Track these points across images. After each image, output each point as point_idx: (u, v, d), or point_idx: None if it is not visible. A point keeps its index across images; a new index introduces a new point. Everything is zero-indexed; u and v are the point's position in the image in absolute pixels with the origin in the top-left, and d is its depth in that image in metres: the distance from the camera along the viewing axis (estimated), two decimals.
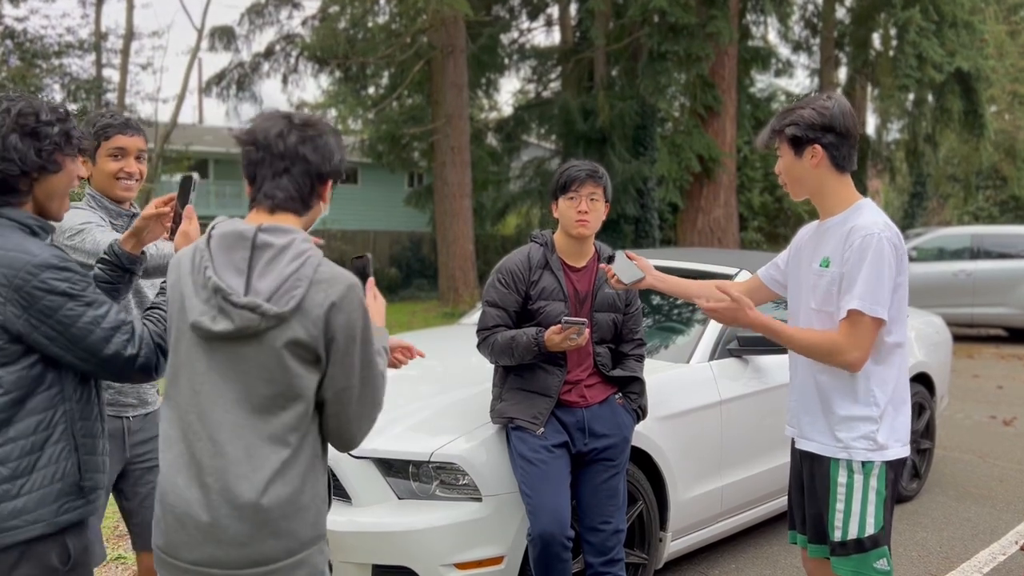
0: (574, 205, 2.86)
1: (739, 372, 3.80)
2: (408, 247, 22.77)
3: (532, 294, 2.92)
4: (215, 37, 17.61)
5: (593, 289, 2.97)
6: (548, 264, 2.94)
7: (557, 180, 2.94)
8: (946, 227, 13.14)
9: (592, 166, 2.90)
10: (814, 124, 2.27)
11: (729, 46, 14.68)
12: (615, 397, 3.01)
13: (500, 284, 2.95)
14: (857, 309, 2.20)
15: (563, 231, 2.97)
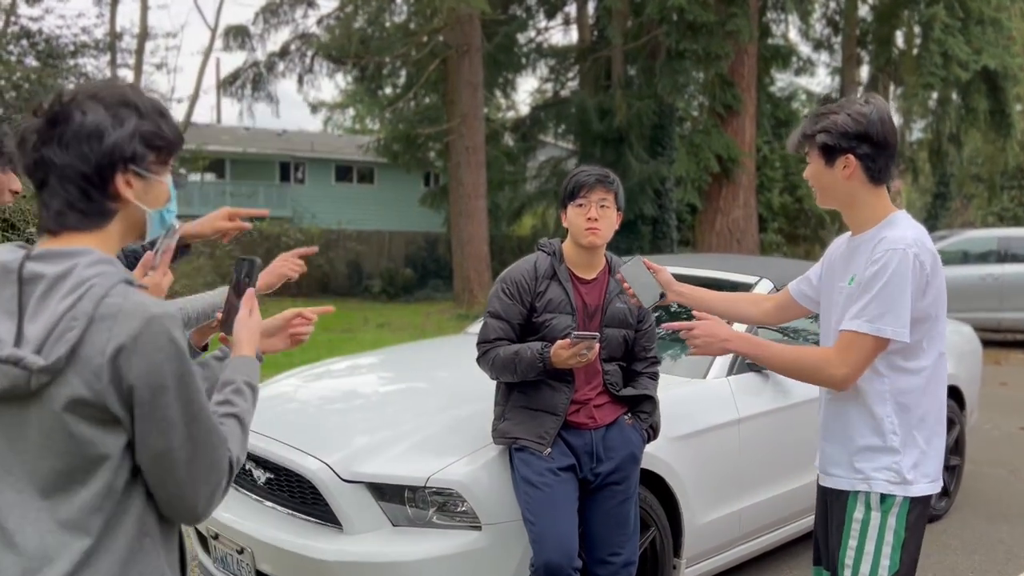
0: (583, 212, 2.67)
1: (759, 387, 3.59)
2: (423, 247, 22.64)
3: (538, 306, 2.73)
4: (230, 37, 17.57)
5: (603, 303, 2.78)
6: (556, 275, 2.76)
7: (566, 186, 2.75)
8: (971, 229, 12.81)
9: (602, 171, 2.72)
10: (848, 132, 2.05)
11: (749, 44, 14.41)
12: (625, 417, 2.82)
13: (504, 294, 2.76)
14: (853, 329, 2.01)
15: (572, 241, 2.79)
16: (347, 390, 3.86)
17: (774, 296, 2.57)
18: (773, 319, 2.58)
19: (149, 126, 1.34)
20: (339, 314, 16.31)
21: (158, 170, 1.37)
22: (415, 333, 12.76)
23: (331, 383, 4.05)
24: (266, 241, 20.08)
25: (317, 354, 10.83)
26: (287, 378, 4.11)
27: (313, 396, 3.78)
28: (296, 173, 27.46)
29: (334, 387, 3.97)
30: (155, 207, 1.38)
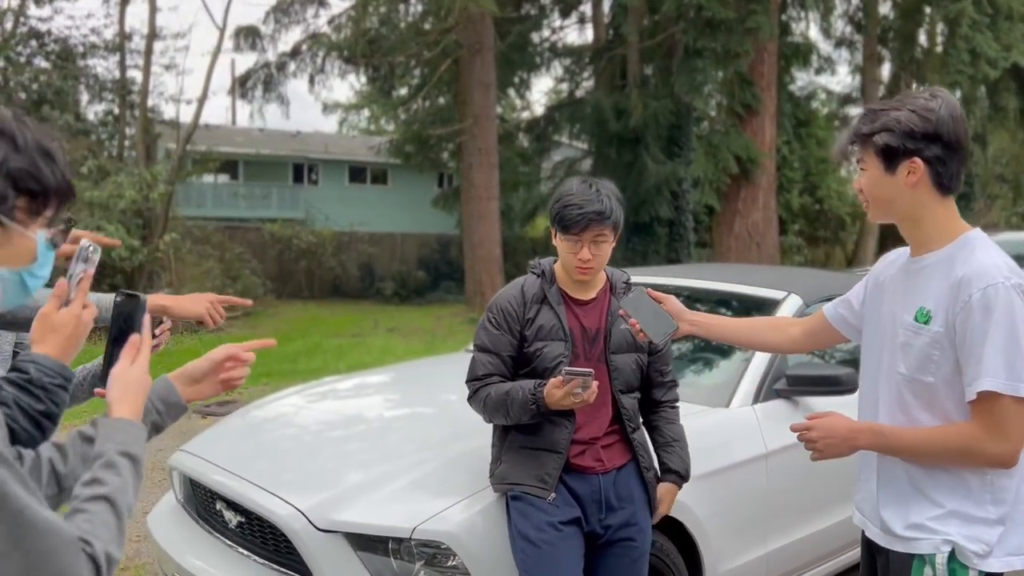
0: (573, 250, 2.33)
1: (788, 416, 3.23)
2: (436, 250, 22.38)
3: (527, 334, 2.40)
4: (240, 37, 17.33)
5: (606, 326, 2.44)
6: (546, 297, 2.42)
7: (554, 211, 2.39)
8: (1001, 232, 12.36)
9: (599, 207, 2.30)
10: (914, 131, 1.71)
11: (769, 42, 14.01)
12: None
13: (491, 324, 2.44)
14: (991, 390, 1.64)
15: (562, 266, 2.47)
16: (350, 414, 3.58)
17: (803, 321, 2.23)
18: (802, 346, 2.26)
19: (22, 163, 1.09)
20: (349, 317, 16.14)
21: (25, 220, 1.11)
22: (425, 338, 12.48)
23: (334, 405, 3.79)
24: (278, 243, 19.89)
25: (324, 361, 10.59)
26: (290, 396, 3.87)
27: (312, 420, 3.52)
28: (310, 175, 27.29)
29: (337, 409, 3.69)
30: (11, 265, 1.11)
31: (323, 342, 12.16)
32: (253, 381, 8.89)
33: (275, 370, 9.63)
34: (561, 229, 2.33)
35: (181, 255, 14.26)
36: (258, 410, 3.71)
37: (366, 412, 3.61)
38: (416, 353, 10.89)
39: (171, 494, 3.25)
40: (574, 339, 2.40)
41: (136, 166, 14.44)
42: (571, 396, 2.18)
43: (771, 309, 3.49)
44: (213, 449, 3.13)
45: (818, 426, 1.88)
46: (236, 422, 3.58)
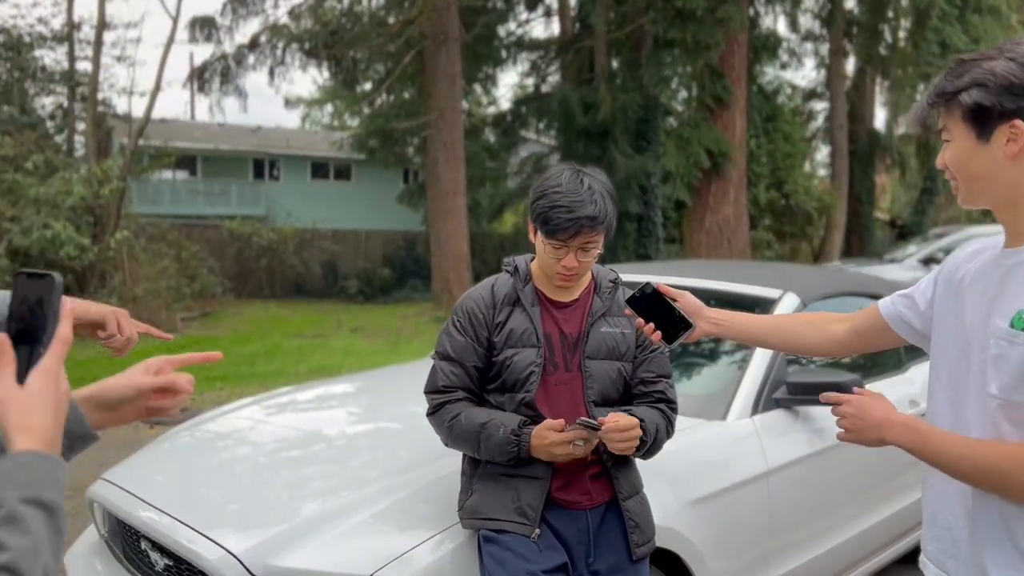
0: (557, 256, 1.98)
1: (788, 428, 2.94)
2: (402, 247, 21.95)
3: (496, 341, 2.07)
4: (196, 28, 16.75)
5: (584, 328, 2.09)
6: (519, 299, 2.09)
7: (537, 210, 2.00)
8: (975, 227, 12.32)
9: (591, 210, 1.94)
10: (1015, 85, 1.32)
11: (740, 33, 13.80)
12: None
13: (455, 329, 2.11)
14: None
15: (541, 271, 2.12)
16: (309, 430, 3.20)
17: (847, 317, 1.79)
18: (847, 347, 1.81)
19: None
20: (312, 317, 15.65)
21: None
22: (390, 338, 12.09)
23: (293, 419, 3.42)
24: (236, 241, 19.32)
25: (284, 363, 10.16)
26: (248, 407, 3.50)
27: (269, 437, 3.14)
28: (271, 171, 26.67)
29: (296, 424, 3.32)
30: None
31: (283, 343, 11.71)
32: (208, 385, 8.45)
33: (232, 373, 9.19)
34: (545, 233, 1.98)
35: (135, 254, 13.69)
36: (211, 423, 3.34)
37: (327, 428, 3.24)
38: (380, 354, 10.49)
39: (93, 528, 2.85)
40: (551, 345, 2.06)
41: (86, 161, 13.84)
42: (567, 445, 1.87)
43: (767, 309, 3.19)
44: (141, 476, 2.75)
45: (853, 402, 1.53)
46: (182, 438, 3.21)
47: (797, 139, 21.32)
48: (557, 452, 1.89)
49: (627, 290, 2.21)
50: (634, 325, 2.11)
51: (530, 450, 1.94)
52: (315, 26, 17.63)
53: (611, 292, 2.14)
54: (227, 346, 11.51)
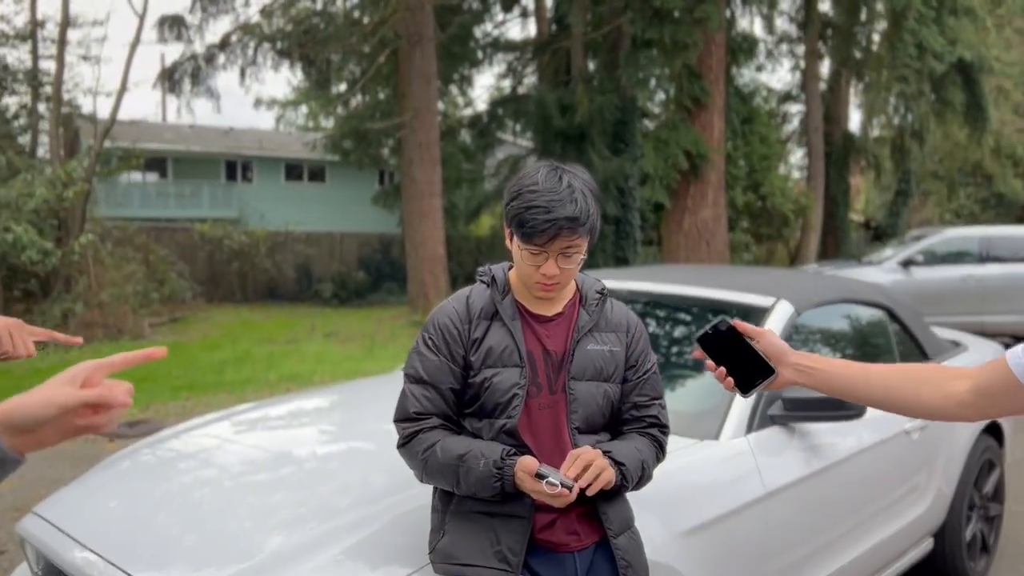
0: (536, 262, 1.76)
1: (784, 446, 2.75)
2: (377, 249, 21.65)
3: (473, 360, 1.85)
4: (164, 27, 16.37)
5: (570, 346, 1.88)
6: (497, 312, 1.87)
7: (512, 213, 1.77)
8: (950, 228, 12.26)
9: (571, 210, 1.72)
10: None
11: (717, 33, 13.67)
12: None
13: (426, 347, 1.88)
14: None
15: (519, 279, 1.90)
16: (279, 451, 2.96)
17: (968, 373, 1.42)
18: (975, 412, 1.41)
19: None
20: (285, 322, 15.33)
21: None
22: (365, 343, 11.81)
23: (263, 437, 3.18)
24: (208, 244, 18.94)
25: (254, 371, 9.85)
26: (217, 423, 3.27)
27: (235, 458, 2.90)
28: (244, 172, 26.26)
29: (265, 444, 3.07)
30: None
31: (254, 349, 11.40)
32: (172, 395, 8.15)
33: (198, 382, 8.88)
34: (521, 236, 1.76)
35: (100, 258, 13.30)
36: (176, 440, 3.10)
37: (298, 448, 2.99)
38: (354, 360, 10.22)
39: (25, 567, 2.59)
40: (533, 364, 1.84)
41: (51, 163, 13.45)
42: (540, 495, 1.69)
43: (759, 318, 3.00)
44: (84, 507, 2.50)
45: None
46: (143, 456, 2.96)
47: (773, 141, 21.31)
48: (540, 492, 1.68)
49: (615, 302, 2.00)
50: (623, 343, 1.92)
51: (515, 483, 1.73)
52: (287, 25, 17.32)
53: (598, 304, 1.92)
54: (195, 352, 11.19)
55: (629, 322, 1.96)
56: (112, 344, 12.08)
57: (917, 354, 3.71)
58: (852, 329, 3.53)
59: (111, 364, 1.01)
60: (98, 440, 6.18)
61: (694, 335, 3.33)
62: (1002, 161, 25.93)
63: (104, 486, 2.73)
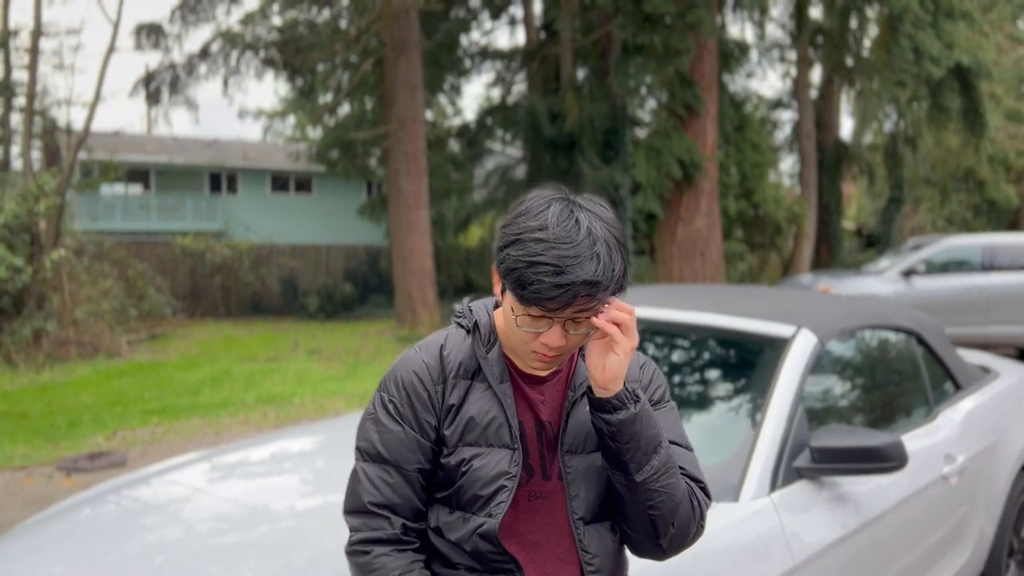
0: (535, 327, 1.32)
1: (813, 503, 2.35)
2: (364, 261, 21.23)
3: (448, 434, 1.42)
4: (142, 35, 15.97)
5: (564, 412, 1.44)
6: (480, 371, 1.45)
7: (509, 265, 1.29)
8: (951, 236, 11.94)
9: (592, 270, 1.26)
10: None
11: (710, 39, 13.34)
12: None
13: (388, 412, 1.44)
14: None
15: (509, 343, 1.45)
16: (254, 504, 2.59)
17: None
18: None
19: None
20: (268, 337, 14.87)
21: None
22: (348, 361, 11.38)
23: (238, 488, 2.82)
24: (190, 258, 18.46)
25: (232, 392, 9.38)
26: (193, 465, 2.94)
27: (205, 513, 2.54)
28: (229, 184, 25.83)
29: (240, 496, 2.69)
30: None
31: (233, 368, 10.95)
32: (142, 420, 7.70)
33: (172, 405, 8.44)
34: (521, 299, 1.29)
35: (75, 274, 12.83)
36: (144, 486, 2.75)
37: (275, 502, 2.62)
38: (335, 380, 9.79)
39: None
40: (524, 441, 1.42)
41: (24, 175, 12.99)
42: None
43: (778, 350, 2.60)
44: (18, 570, 2.13)
45: None
46: (106, 506, 2.61)
47: (765, 148, 21.04)
48: None
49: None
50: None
51: None
52: (270, 33, 16.96)
53: None
54: (172, 372, 10.74)
55: (641, 361, 1.55)
56: (87, 363, 11.63)
57: (948, 383, 3.33)
58: (879, 358, 3.14)
59: None
60: (54, 476, 5.74)
61: (703, 370, 2.94)
62: (995, 167, 25.77)
63: (54, 540, 2.38)
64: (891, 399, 3.04)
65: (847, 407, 2.87)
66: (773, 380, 2.47)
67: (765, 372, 2.55)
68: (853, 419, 2.81)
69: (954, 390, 3.33)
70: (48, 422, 7.67)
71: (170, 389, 9.45)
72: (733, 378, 2.80)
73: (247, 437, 6.98)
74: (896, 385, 3.11)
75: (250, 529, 2.41)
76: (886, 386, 3.09)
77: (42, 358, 11.44)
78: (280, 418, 7.74)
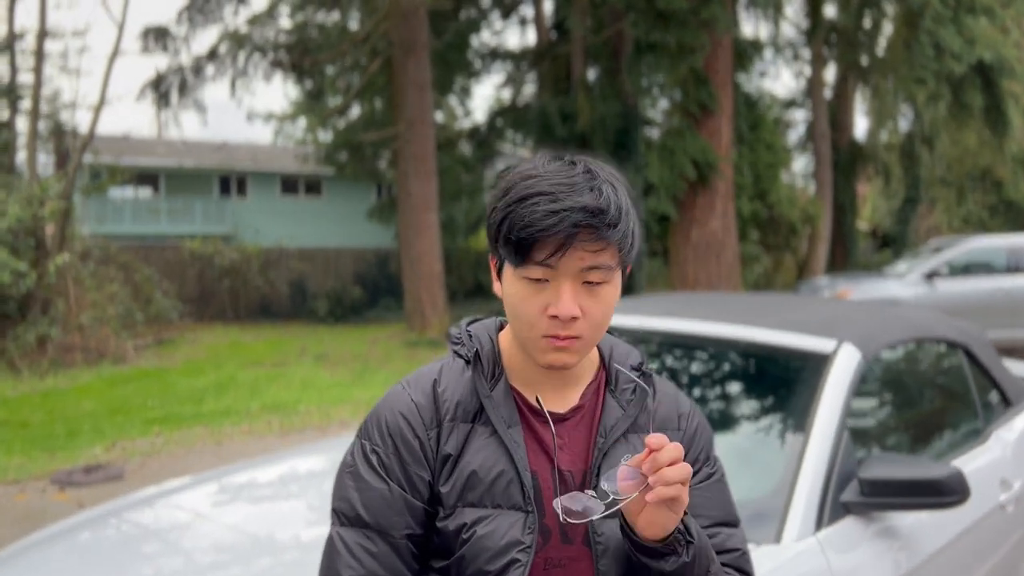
0: (540, 296, 1.10)
1: (860, 539, 2.09)
2: (373, 264, 21.05)
3: (443, 491, 1.16)
4: (149, 37, 15.82)
5: (593, 462, 1.17)
6: (483, 411, 1.18)
7: (497, 219, 1.11)
8: (976, 237, 11.62)
9: (593, 200, 1.08)
10: None
11: (725, 35, 13.05)
12: None
13: (369, 465, 1.18)
14: None
15: (518, 337, 1.19)
16: (258, 533, 2.42)
17: None
18: None
19: None
20: (275, 342, 14.66)
21: None
22: (355, 367, 11.16)
23: (243, 512, 2.66)
24: (198, 262, 18.30)
25: (235, 399, 9.15)
26: (198, 487, 2.79)
27: (206, 542, 2.38)
28: (238, 187, 25.71)
29: (244, 523, 2.52)
30: None
31: (239, 374, 10.75)
32: (143, 430, 7.49)
33: (173, 414, 8.22)
34: (515, 251, 1.09)
35: (80, 279, 12.66)
36: (147, 510, 2.60)
37: (280, 530, 2.45)
38: (342, 387, 9.57)
39: None
40: (541, 500, 1.15)
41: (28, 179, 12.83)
42: None
43: (818, 367, 2.34)
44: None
45: None
46: (107, 530, 2.47)
47: (779, 148, 20.73)
48: None
49: (663, 383, 1.30)
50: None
51: None
52: (278, 35, 16.81)
53: (636, 387, 1.23)
54: (176, 379, 10.55)
55: (681, 410, 1.29)
56: (92, 369, 11.46)
57: (998, 399, 3.06)
58: (925, 374, 2.87)
59: None
60: (48, 490, 5.53)
61: (731, 390, 2.68)
62: (1013, 166, 25.35)
63: (47, 564, 2.23)
64: (939, 419, 2.78)
65: (892, 429, 2.61)
66: (814, 402, 2.21)
67: (804, 393, 2.29)
68: (899, 443, 2.55)
69: (1004, 407, 3.06)
70: (47, 431, 7.47)
71: (174, 396, 9.25)
72: (767, 400, 2.54)
73: (249, 447, 6.76)
74: (944, 404, 2.85)
75: (252, 560, 2.24)
76: (933, 405, 2.82)
77: (47, 364, 11.28)
78: (284, 427, 7.52)
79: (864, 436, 2.45)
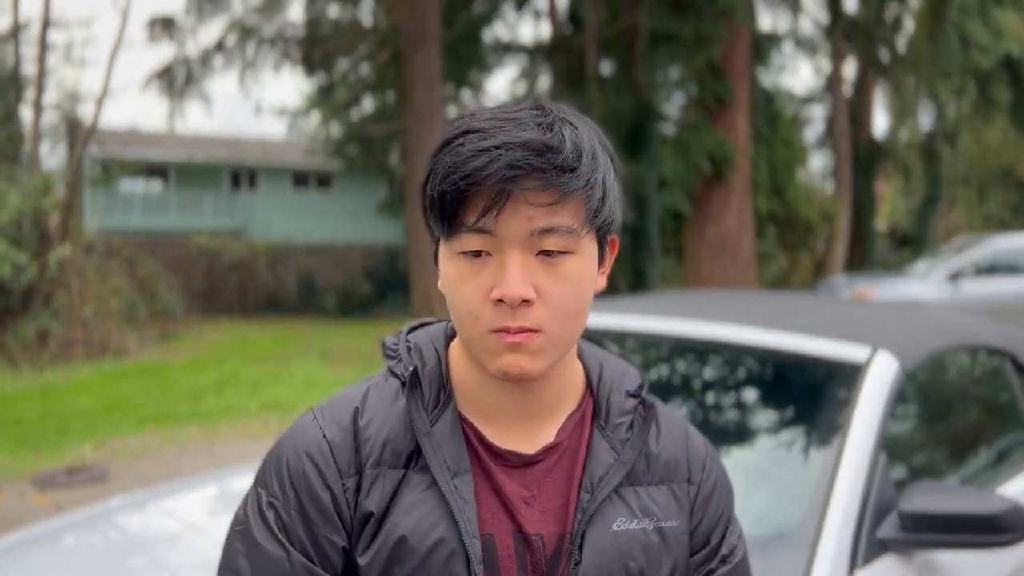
0: (481, 276, 0.82)
1: None
2: (383, 260, 20.83)
3: (362, 564, 0.85)
4: (155, 27, 15.63)
5: (575, 526, 0.87)
6: (418, 454, 0.88)
7: (422, 184, 0.83)
8: (998, 236, 11.24)
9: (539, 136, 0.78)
10: None
11: (743, 27, 12.69)
12: None
13: (266, 527, 0.86)
14: None
15: (463, 342, 0.90)
16: None
17: None
18: None
19: None
20: (281, 337, 14.43)
21: None
22: (359, 365, 10.91)
23: None
24: (205, 257, 18.12)
25: (235, 397, 8.91)
26: (196, 489, 2.61)
27: (193, 556, 2.14)
28: (249, 181, 25.55)
29: None
30: None
31: (242, 371, 10.52)
32: (137, 428, 7.26)
33: (170, 412, 7.99)
34: (439, 216, 0.83)
35: (84, 272, 12.47)
36: (137, 514, 2.40)
37: None
38: (344, 385, 9.31)
39: None
40: (495, 569, 0.85)
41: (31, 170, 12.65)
42: None
43: (851, 377, 2.03)
44: None
45: None
46: (93, 537, 2.29)
47: (797, 145, 20.33)
48: None
49: (667, 414, 0.99)
50: (684, 502, 0.92)
51: None
52: (285, 28, 16.60)
53: (633, 420, 0.93)
54: (177, 375, 10.33)
55: (692, 456, 0.97)
56: (92, 364, 11.27)
57: None
58: (969, 386, 2.56)
59: None
60: (27, 492, 5.28)
61: (749, 404, 2.38)
62: None
63: (21, 571, 2.03)
64: (984, 438, 2.46)
65: (931, 450, 2.30)
66: (846, 420, 1.90)
67: (833, 409, 1.98)
68: (939, 466, 2.24)
69: None
70: (38, 428, 7.26)
71: (172, 393, 9.02)
72: (790, 416, 2.23)
73: (243, 448, 6.51)
74: (990, 420, 2.54)
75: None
76: (978, 422, 2.51)
77: (47, 358, 11.10)
78: (281, 427, 7.26)
79: (900, 458, 2.14)
